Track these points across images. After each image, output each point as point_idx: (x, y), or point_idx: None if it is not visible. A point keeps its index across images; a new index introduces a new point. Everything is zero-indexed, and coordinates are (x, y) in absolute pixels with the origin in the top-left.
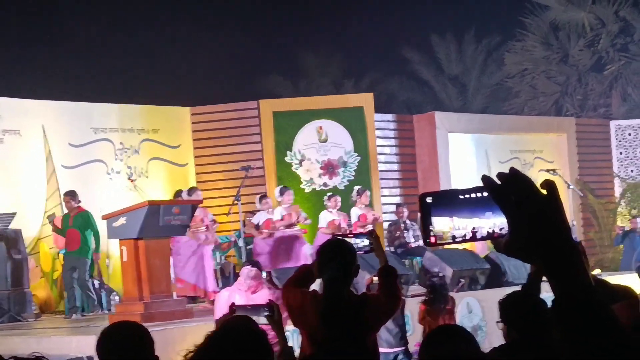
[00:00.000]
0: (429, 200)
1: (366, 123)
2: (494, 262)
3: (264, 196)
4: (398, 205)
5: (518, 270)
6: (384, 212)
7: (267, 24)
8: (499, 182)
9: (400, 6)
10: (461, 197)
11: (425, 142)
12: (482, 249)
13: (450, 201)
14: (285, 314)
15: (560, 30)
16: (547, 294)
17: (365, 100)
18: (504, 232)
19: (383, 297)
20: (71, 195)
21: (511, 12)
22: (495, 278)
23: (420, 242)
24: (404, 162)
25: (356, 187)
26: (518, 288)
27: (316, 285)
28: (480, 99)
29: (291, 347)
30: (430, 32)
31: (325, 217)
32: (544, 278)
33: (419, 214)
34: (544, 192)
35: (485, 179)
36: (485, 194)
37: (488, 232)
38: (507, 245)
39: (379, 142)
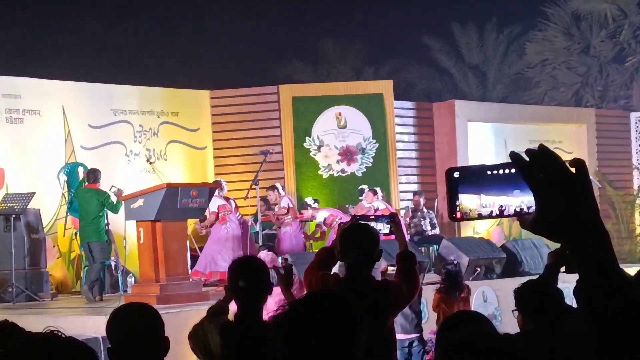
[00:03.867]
0: (456, 175)
1: (385, 110)
2: (510, 251)
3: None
4: (415, 193)
5: (534, 260)
6: (401, 200)
7: (288, 9)
8: (527, 159)
9: None
10: (489, 172)
11: (444, 130)
12: (498, 238)
13: (478, 177)
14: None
15: (582, 21)
16: (563, 284)
17: (385, 87)
18: (531, 210)
19: (403, 283)
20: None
21: (533, 1)
22: (511, 267)
23: (437, 231)
24: (422, 150)
25: (365, 187)
26: (533, 278)
27: (336, 268)
28: (501, 88)
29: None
30: (451, 20)
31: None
32: (562, 268)
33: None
34: (573, 170)
35: (513, 155)
36: (513, 170)
37: (516, 210)
38: (533, 222)
39: (398, 129)
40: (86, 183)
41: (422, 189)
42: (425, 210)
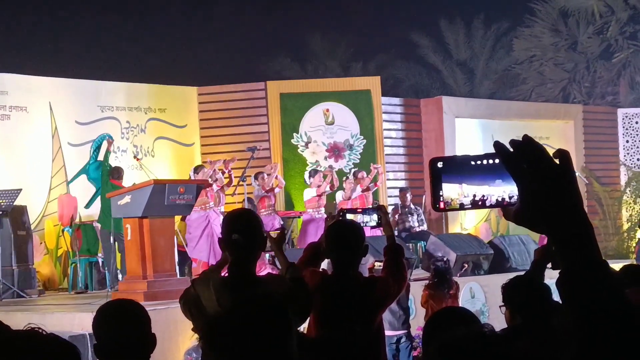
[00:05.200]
0: (439, 165)
1: (373, 106)
2: (498, 247)
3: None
4: (401, 189)
5: (522, 256)
6: (389, 196)
7: (275, 5)
8: (511, 149)
9: None
10: (473, 163)
11: (432, 126)
12: (486, 234)
13: (461, 167)
14: None
15: (569, 17)
16: (550, 280)
17: (372, 83)
18: (513, 200)
19: (390, 277)
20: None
21: None
22: (499, 263)
23: (425, 227)
24: (410, 146)
25: (353, 170)
26: (521, 273)
27: (325, 264)
28: (488, 84)
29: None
30: (439, 16)
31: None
32: (548, 264)
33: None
34: (557, 161)
35: (497, 145)
36: (497, 161)
37: (497, 200)
38: (516, 213)
39: (386, 125)
40: (111, 178)
41: (410, 185)
42: (412, 206)
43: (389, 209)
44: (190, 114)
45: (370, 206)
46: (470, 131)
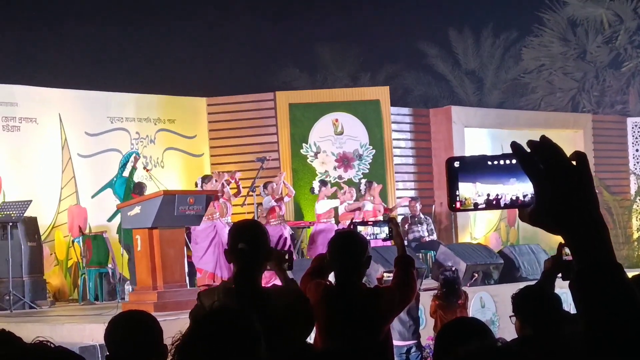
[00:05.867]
0: (456, 164)
1: (382, 116)
2: (508, 257)
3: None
4: (411, 199)
5: (532, 265)
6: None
7: (284, 16)
8: (528, 150)
9: (418, 0)
10: (489, 163)
11: (441, 136)
12: (496, 243)
13: (478, 167)
14: None
15: (578, 27)
16: (560, 289)
17: (381, 93)
18: (527, 199)
19: (396, 287)
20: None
21: (529, 7)
22: (509, 273)
23: (434, 237)
24: (419, 156)
25: (363, 180)
26: (531, 283)
27: (332, 276)
28: (497, 94)
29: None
30: (447, 26)
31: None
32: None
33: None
34: (574, 163)
35: (514, 145)
36: (514, 161)
37: (511, 199)
38: (532, 214)
39: (395, 135)
40: (133, 193)
41: (419, 195)
42: (422, 216)
43: (399, 219)
44: (199, 124)
45: (381, 218)
46: (479, 141)
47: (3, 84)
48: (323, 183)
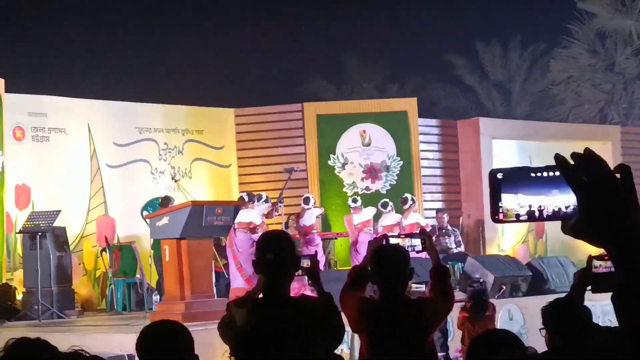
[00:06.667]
0: (499, 176)
1: (410, 128)
2: (536, 269)
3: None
4: (438, 210)
5: (560, 278)
6: (426, 217)
7: (312, 27)
8: (572, 162)
9: (445, 11)
10: (532, 175)
11: (468, 147)
12: (524, 255)
13: (520, 178)
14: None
15: (606, 38)
16: (589, 302)
17: (409, 104)
18: (569, 211)
19: (438, 298)
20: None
21: (557, 19)
22: (537, 285)
23: (462, 248)
24: (446, 167)
25: (409, 195)
26: (560, 296)
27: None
28: (525, 105)
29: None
30: (475, 37)
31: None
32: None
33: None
34: (618, 175)
35: (558, 157)
36: (557, 173)
37: (554, 210)
38: (575, 226)
39: (422, 147)
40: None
41: (447, 206)
42: (449, 227)
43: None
44: (227, 135)
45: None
46: (507, 152)
47: (32, 94)
48: (355, 200)
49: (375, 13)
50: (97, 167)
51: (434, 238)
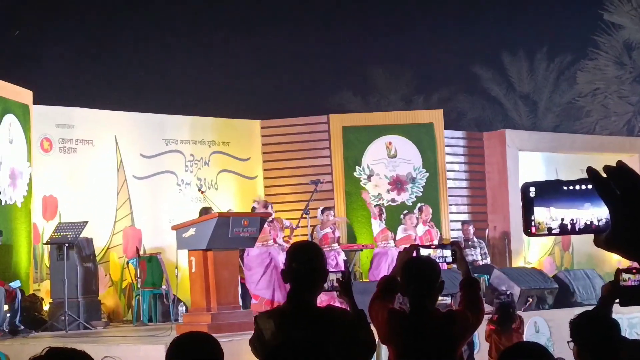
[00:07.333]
0: (532, 189)
1: (436, 139)
2: (563, 281)
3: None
4: (464, 222)
5: (587, 290)
6: (451, 230)
7: (338, 39)
8: (605, 175)
9: (471, 23)
10: (565, 188)
11: (495, 159)
12: (550, 268)
13: (552, 192)
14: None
15: (634, 50)
16: (616, 314)
17: (435, 116)
18: (602, 224)
19: (468, 310)
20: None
21: (584, 30)
22: (564, 298)
23: (488, 260)
24: (473, 179)
25: (419, 204)
26: (586, 308)
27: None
28: (551, 117)
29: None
30: (501, 49)
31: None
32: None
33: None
34: None
35: (590, 170)
36: (589, 186)
37: (586, 223)
38: (607, 239)
39: (448, 158)
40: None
41: (473, 218)
42: (475, 239)
43: None
44: (253, 147)
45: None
46: (534, 164)
47: (60, 106)
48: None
49: (402, 25)
50: (124, 178)
51: None
